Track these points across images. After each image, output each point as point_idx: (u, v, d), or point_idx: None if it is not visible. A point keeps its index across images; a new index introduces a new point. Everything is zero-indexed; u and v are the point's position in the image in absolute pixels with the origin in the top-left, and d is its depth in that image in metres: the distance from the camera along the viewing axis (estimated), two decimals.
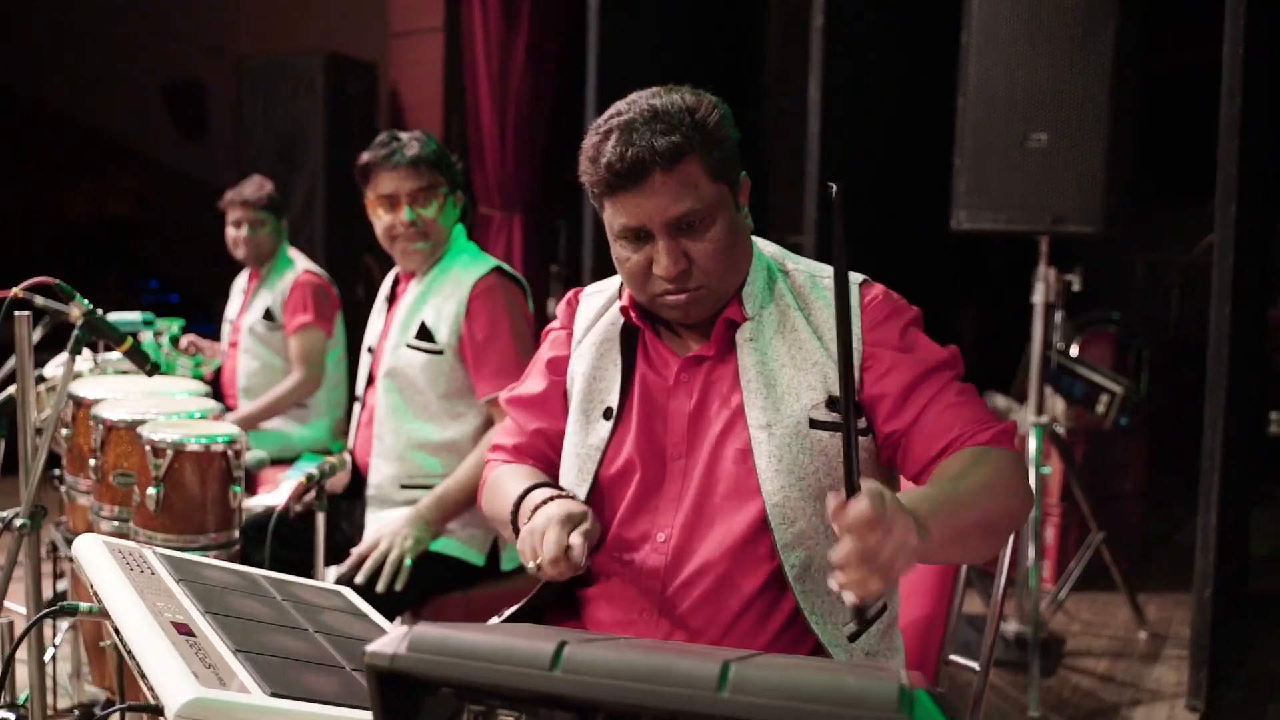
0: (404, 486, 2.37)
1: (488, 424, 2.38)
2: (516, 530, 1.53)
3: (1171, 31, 5.56)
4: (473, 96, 5.45)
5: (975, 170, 3.29)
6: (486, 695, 0.83)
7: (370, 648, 0.84)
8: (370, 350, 2.53)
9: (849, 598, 1.12)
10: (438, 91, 5.57)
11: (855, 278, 1.53)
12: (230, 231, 3.63)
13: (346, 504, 2.52)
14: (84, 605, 1.27)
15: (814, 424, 1.45)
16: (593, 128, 1.47)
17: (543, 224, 5.65)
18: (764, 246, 1.58)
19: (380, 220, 2.40)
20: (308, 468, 2.06)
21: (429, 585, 2.28)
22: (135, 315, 2.58)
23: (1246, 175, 2.95)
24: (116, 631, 1.28)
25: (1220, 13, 2.91)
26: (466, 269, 2.39)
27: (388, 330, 2.46)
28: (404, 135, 2.41)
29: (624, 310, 1.56)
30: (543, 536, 1.41)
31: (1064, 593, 3.75)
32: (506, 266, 2.41)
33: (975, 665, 1.80)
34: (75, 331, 1.98)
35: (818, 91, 3.93)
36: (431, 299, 2.39)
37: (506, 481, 1.62)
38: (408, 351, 2.37)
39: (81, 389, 2.40)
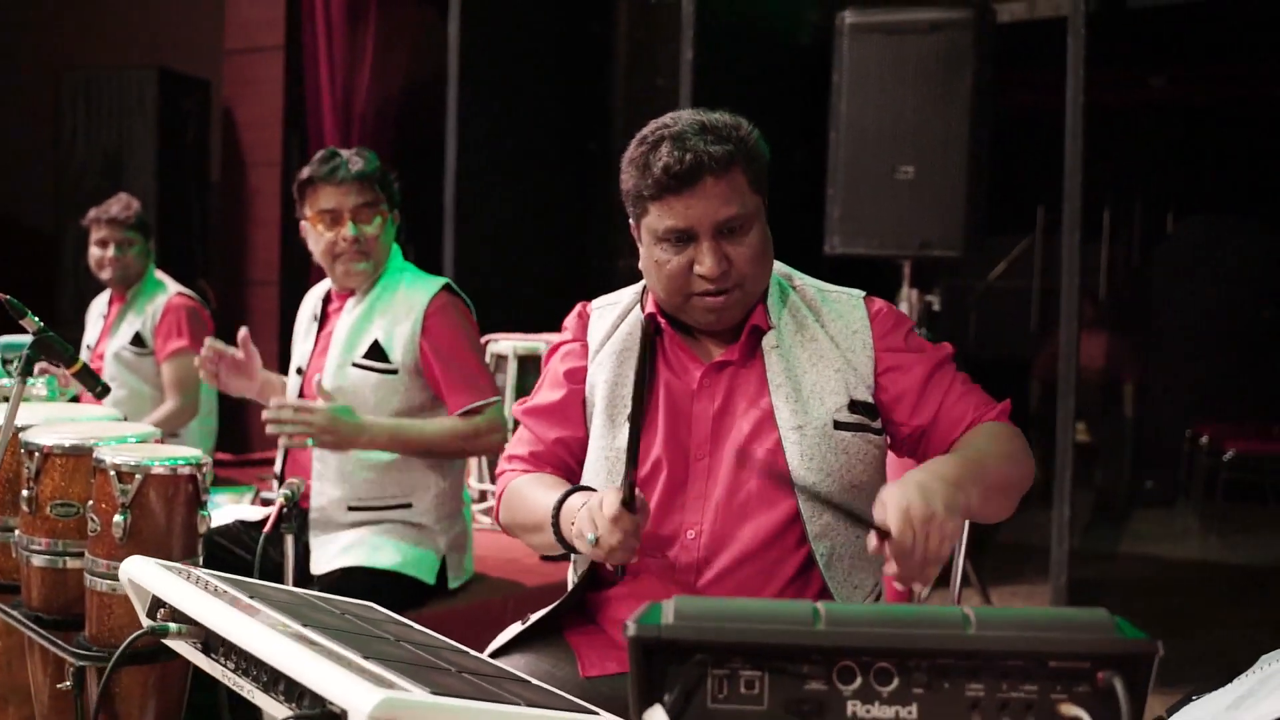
0: (351, 508, 2.33)
1: None
2: (558, 533, 1.54)
3: None
4: (315, 119, 5.33)
5: (848, 199, 3.55)
6: (744, 657, 0.90)
7: (632, 620, 0.89)
8: (300, 371, 2.48)
9: (918, 589, 1.35)
10: (277, 112, 5.40)
11: (857, 293, 1.67)
12: (95, 251, 3.42)
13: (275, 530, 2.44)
14: (173, 626, 1.22)
15: (838, 425, 1.57)
16: (637, 139, 1.55)
17: None
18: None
19: (321, 237, 2.36)
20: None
21: (385, 603, 2.24)
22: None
23: (1086, 208, 3.33)
24: (206, 650, 1.24)
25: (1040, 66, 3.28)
26: (415, 287, 2.39)
27: (326, 350, 2.41)
28: (344, 152, 2.38)
29: (650, 317, 1.63)
30: (600, 505, 1.42)
31: (925, 591, 4.04)
32: (454, 284, 2.43)
33: None
34: (25, 351, 1.86)
35: None
36: (379, 318, 2.37)
37: (534, 489, 1.64)
38: (355, 371, 2.34)
39: None
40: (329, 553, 2.30)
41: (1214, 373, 7.02)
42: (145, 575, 1.32)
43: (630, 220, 1.61)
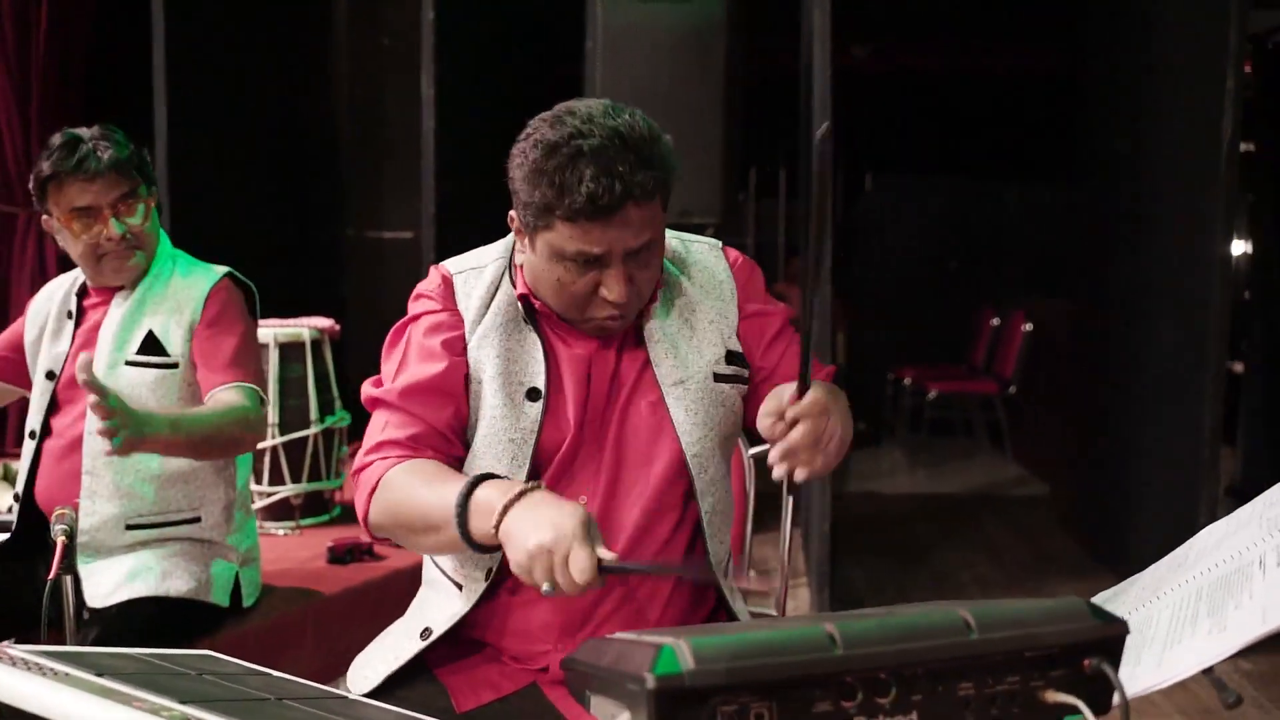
0: (130, 527, 2.05)
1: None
2: (465, 531, 1.35)
3: None
4: None
5: None
6: (753, 690, 0.86)
7: (647, 672, 0.83)
8: (51, 375, 2.15)
9: (800, 476, 1.33)
10: None
11: (715, 242, 1.67)
12: None
13: (23, 566, 2.12)
14: None
15: (717, 378, 1.57)
16: (545, 145, 1.40)
17: None
18: None
19: (78, 239, 2.04)
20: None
21: (176, 633, 2.01)
22: None
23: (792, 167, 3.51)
24: None
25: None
26: (193, 277, 2.13)
27: (87, 349, 2.09)
28: (86, 134, 2.05)
29: (523, 298, 1.54)
30: (566, 558, 1.26)
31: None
32: (238, 273, 2.19)
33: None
34: None
35: (431, 87, 3.93)
36: (152, 311, 2.09)
37: (422, 483, 1.44)
38: (130, 370, 2.06)
39: None
40: (108, 582, 2.01)
41: (911, 320, 7.69)
42: None
43: (516, 215, 1.48)
